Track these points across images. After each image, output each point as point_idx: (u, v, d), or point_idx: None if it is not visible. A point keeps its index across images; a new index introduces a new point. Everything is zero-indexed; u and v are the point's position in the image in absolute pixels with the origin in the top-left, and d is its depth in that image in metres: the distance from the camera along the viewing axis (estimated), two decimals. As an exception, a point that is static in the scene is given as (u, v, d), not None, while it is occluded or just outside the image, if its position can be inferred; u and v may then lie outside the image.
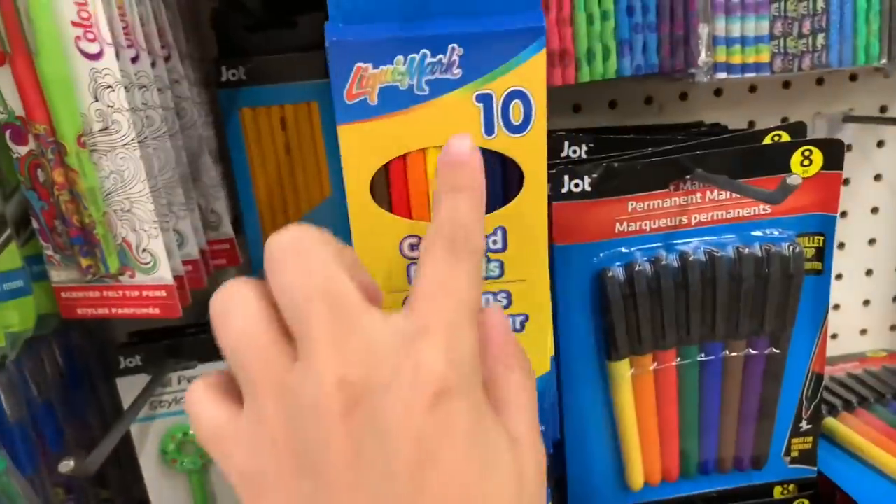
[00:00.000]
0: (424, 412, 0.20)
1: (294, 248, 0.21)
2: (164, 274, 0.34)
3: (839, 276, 0.64)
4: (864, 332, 0.67)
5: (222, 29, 0.48)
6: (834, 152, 0.40)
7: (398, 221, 0.31)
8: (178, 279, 0.36)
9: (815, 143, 0.40)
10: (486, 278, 0.32)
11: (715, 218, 0.40)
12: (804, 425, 0.44)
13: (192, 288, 0.39)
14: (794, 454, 0.45)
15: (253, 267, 0.50)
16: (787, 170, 0.40)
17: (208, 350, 0.45)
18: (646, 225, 0.40)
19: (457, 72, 0.29)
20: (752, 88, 0.59)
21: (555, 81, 0.42)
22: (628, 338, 0.40)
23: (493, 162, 0.31)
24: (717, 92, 0.59)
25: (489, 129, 0.30)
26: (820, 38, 0.45)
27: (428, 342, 0.20)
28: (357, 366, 0.20)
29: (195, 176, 0.42)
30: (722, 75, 0.45)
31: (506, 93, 0.29)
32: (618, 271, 0.39)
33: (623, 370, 0.41)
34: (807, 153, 0.40)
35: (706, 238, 0.41)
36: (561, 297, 0.40)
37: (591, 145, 0.45)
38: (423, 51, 0.29)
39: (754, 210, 0.41)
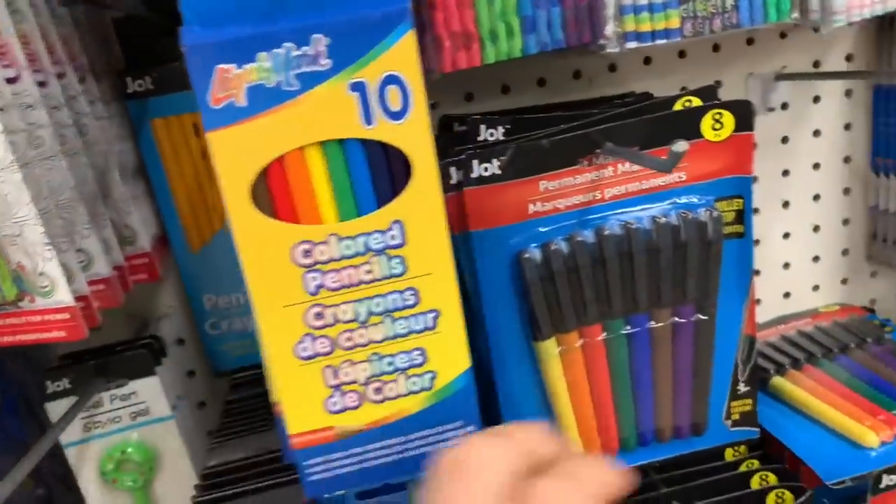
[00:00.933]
0: None
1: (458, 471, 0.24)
2: (64, 297, 0.34)
3: (787, 235, 0.64)
4: (816, 287, 0.67)
5: (127, 40, 0.47)
6: (744, 113, 0.40)
7: (285, 228, 0.30)
8: (83, 299, 0.35)
9: (725, 105, 0.39)
10: (390, 277, 0.32)
11: (629, 190, 0.40)
12: (742, 388, 0.44)
13: (107, 306, 0.38)
14: (735, 417, 0.45)
15: (183, 278, 0.50)
16: (699, 135, 0.40)
17: (138, 367, 0.44)
18: (560, 203, 0.40)
19: (325, 62, 0.28)
20: (682, 54, 0.58)
21: (460, 64, 0.42)
22: (551, 317, 0.40)
23: (377, 154, 0.31)
24: (647, 60, 0.58)
25: (368, 119, 0.29)
26: (729, -1, 0.44)
27: None
28: None
29: (105, 192, 0.41)
30: (633, 45, 0.44)
31: (380, 79, 0.29)
32: (534, 252, 0.39)
33: (550, 349, 0.41)
34: (717, 116, 0.39)
35: (623, 211, 0.40)
36: (484, 283, 0.40)
37: (508, 127, 0.45)
38: (287, 44, 0.28)
39: (668, 179, 0.40)
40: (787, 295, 0.66)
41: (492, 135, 0.45)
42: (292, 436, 0.33)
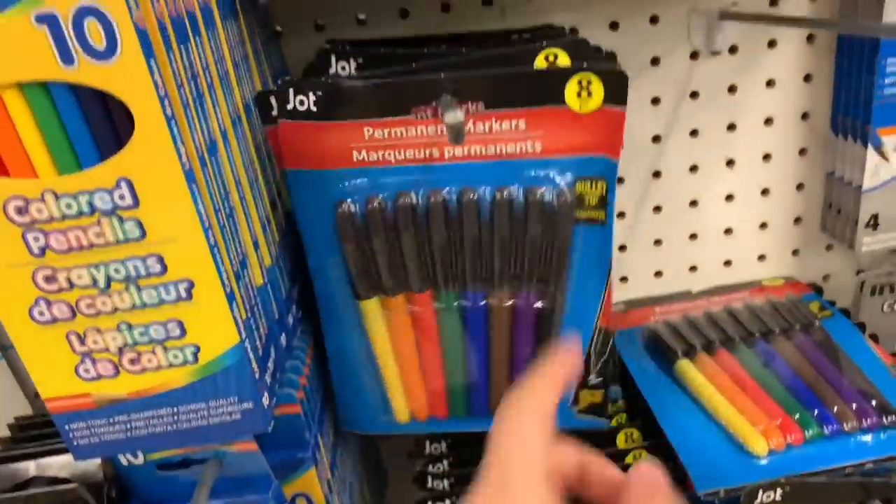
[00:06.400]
0: None
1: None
2: None
3: (730, 197, 0.57)
4: (762, 257, 0.60)
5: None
6: (616, 85, 0.33)
7: None
8: None
9: (595, 71, 0.32)
10: (126, 241, 0.27)
11: (474, 154, 0.34)
12: (593, 379, 0.41)
13: None
14: (582, 405, 0.42)
15: None
16: (561, 101, 0.33)
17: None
18: (390, 155, 0.34)
19: None
20: (617, -19, 0.50)
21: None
22: (368, 279, 0.36)
23: (91, 99, 0.25)
24: (574, -12, 0.50)
25: (66, 57, 0.24)
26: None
27: None
28: None
29: None
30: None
31: (73, 10, 0.23)
32: (353, 206, 0.34)
33: (371, 309, 0.37)
34: (584, 83, 0.33)
35: (472, 175, 0.34)
36: (304, 228, 0.36)
37: (360, 61, 0.38)
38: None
39: (522, 146, 0.34)
40: (727, 263, 0.60)
41: (343, 68, 0.39)
42: (46, 400, 0.30)
